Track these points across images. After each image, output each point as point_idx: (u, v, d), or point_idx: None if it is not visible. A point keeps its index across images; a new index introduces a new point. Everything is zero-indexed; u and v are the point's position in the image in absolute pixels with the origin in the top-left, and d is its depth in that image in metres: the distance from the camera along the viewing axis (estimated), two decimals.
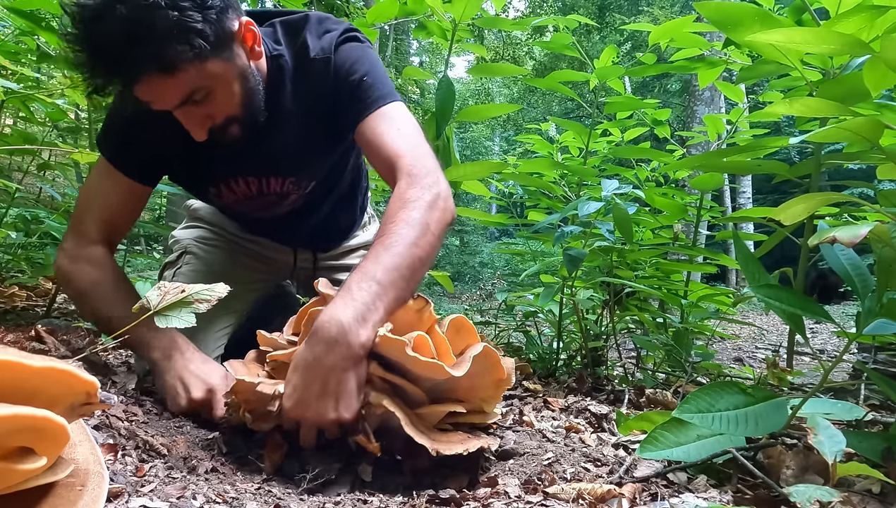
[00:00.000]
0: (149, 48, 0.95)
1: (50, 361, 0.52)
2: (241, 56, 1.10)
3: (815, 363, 2.56)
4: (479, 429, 1.01)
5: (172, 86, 1.02)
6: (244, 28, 1.10)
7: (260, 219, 1.48)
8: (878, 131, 0.88)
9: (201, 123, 1.10)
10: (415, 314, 0.97)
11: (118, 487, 0.70)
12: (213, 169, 1.32)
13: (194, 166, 1.30)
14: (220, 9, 1.02)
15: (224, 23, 1.04)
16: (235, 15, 1.08)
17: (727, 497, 0.79)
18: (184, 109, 1.08)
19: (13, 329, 1.59)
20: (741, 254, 1.06)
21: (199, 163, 1.29)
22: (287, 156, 1.31)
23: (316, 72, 1.21)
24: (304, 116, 1.25)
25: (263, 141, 1.24)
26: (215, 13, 1.01)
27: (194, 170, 1.33)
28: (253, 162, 1.30)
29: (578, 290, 1.93)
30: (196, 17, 0.97)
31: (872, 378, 1.00)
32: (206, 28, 0.99)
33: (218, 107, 1.10)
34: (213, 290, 0.99)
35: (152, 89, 1.02)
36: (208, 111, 1.10)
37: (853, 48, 1.00)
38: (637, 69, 1.96)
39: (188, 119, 1.10)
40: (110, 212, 1.26)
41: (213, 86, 1.06)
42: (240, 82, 1.11)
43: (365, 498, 0.81)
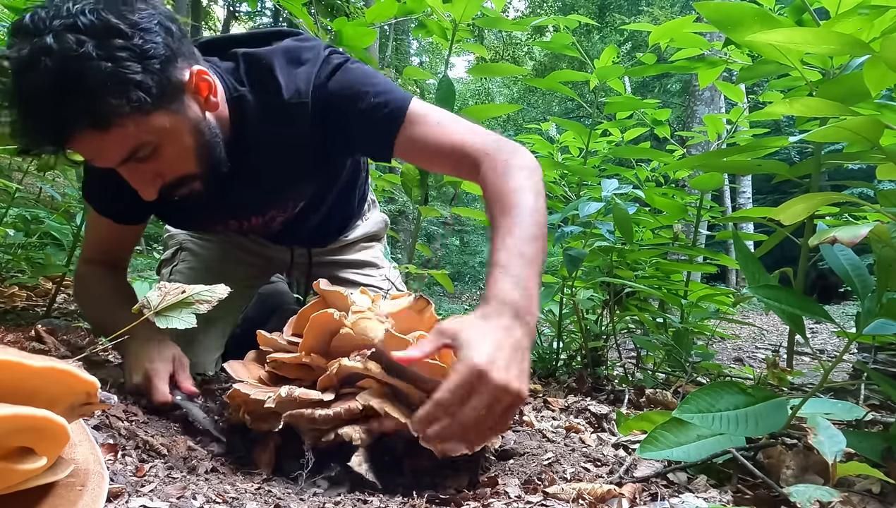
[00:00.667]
0: (79, 103, 0.87)
1: (50, 361, 0.52)
2: (193, 108, 1.02)
3: (815, 363, 2.56)
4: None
5: (110, 143, 0.93)
6: (196, 78, 1.01)
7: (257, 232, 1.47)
8: (879, 131, 0.88)
9: (149, 181, 1.02)
10: (416, 314, 0.97)
11: (118, 487, 0.70)
12: (190, 215, 1.29)
13: (172, 212, 1.28)
14: (165, 58, 0.94)
15: (169, 73, 0.95)
16: (186, 64, 1.00)
17: (727, 497, 0.79)
18: (129, 167, 0.99)
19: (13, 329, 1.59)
20: (741, 254, 1.06)
21: (175, 211, 1.25)
22: (262, 196, 1.25)
23: (291, 114, 1.10)
24: (277, 157, 1.16)
25: (232, 190, 1.17)
26: (159, 63, 0.92)
27: (174, 215, 1.31)
28: (225, 209, 1.26)
29: (578, 290, 1.93)
30: (134, 68, 0.89)
31: (873, 377, 1.00)
32: (147, 79, 0.91)
33: (167, 163, 1.01)
34: (214, 291, 0.99)
35: (88, 146, 0.94)
36: (156, 168, 1.01)
37: (853, 48, 1.00)
38: (637, 69, 1.96)
39: (133, 177, 1.01)
40: (109, 244, 1.28)
41: (159, 141, 0.97)
42: (192, 136, 1.02)
43: (365, 498, 0.81)
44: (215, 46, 1.18)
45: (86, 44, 0.85)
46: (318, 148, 1.15)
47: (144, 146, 0.96)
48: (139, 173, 1.01)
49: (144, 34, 0.90)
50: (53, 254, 2.22)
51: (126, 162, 0.98)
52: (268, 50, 1.14)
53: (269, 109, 1.11)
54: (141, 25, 0.90)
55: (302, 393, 0.89)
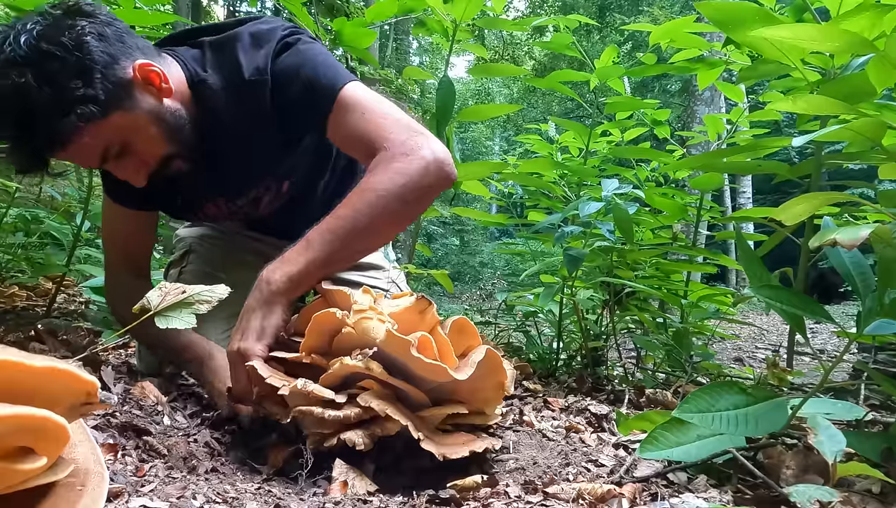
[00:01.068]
0: (36, 129, 0.93)
1: (50, 361, 0.52)
2: (147, 99, 1.06)
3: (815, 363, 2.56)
4: (479, 429, 1.01)
5: (78, 153, 1.01)
6: (141, 72, 1.05)
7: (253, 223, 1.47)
8: (882, 131, 0.88)
9: (135, 171, 1.09)
10: (417, 315, 0.97)
11: (118, 487, 0.70)
12: (180, 200, 1.33)
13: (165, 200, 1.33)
14: (105, 64, 0.98)
15: (112, 77, 1.00)
16: (129, 61, 1.04)
17: (727, 497, 0.79)
18: (112, 164, 1.07)
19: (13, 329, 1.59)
20: (744, 254, 1.06)
21: (168, 197, 1.31)
22: (239, 174, 1.29)
23: (253, 92, 1.14)
24: (245, 135, 1.20)
25: (210, 168, 1.22)
26: (98, 72, 0.97)
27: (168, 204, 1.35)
28: (209, 188, 1.31)
29: (578, 290, 1.93)
30: (75, 84, 0.94)
31: (873, 377, 1.00)
32: (89, 91, 0.95)
33: (143, 153, 1.08)
34: (214, 292, 0.99)
35: (67, 156, 1.02)
36: (136, 160, 1.08)
37: (858, 46, 0.99)
38: (637, 69, 1.96)
39: (119, 171, 1.09)
40: (125, 242, 1.33)
41: (124, 138, 1.04)
42: (155, 124, 1.07)
43: (365, 498, 0.81)
44: (184, 36, 1.24)
45: (26, 74, 0.91)
46: (282, 125, 1.19)
47: (112, 146, 1.04)
48: (122, 167, 1.09)
49: (77, 50, 0.95)
50: (53, 254, 2.22)
51: (104, 162, 1.06)
52: (231, 34, 1.19)
53: (232, 89, 1.16)
54: (73, 43, 0.95)
55: (316, 390, 0.89)
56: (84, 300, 2.27)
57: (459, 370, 0.90)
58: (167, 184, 1.17)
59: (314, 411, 0.88)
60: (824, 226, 0.96)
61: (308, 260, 1.02)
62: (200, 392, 1.24)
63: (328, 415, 0.88)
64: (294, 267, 1.02)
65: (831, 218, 1.12)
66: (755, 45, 1.35)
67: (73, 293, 2.43)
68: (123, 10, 1.88)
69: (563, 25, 1.93)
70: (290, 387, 0.89)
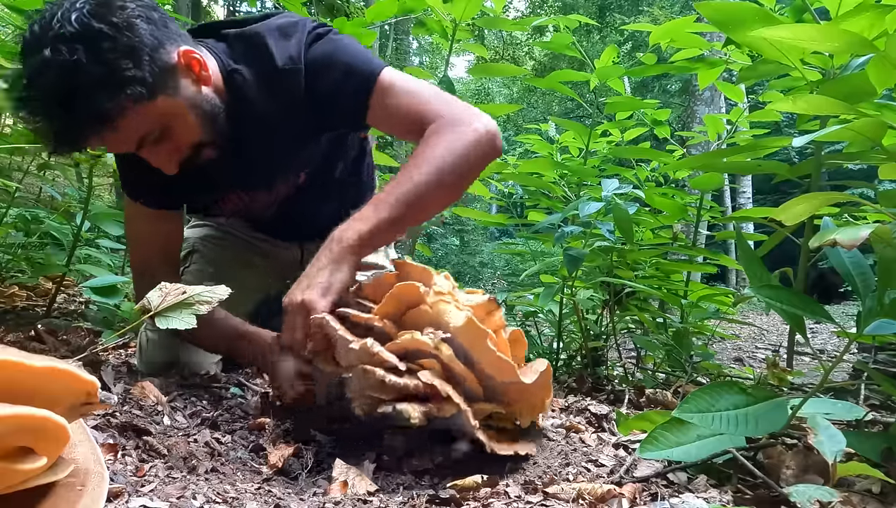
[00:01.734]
0: (83, 107, 0.93)
1: (50, 361, 0.52)
2: (188, 86, 1.08)
3: (815, 363, 2.56)
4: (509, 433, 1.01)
5: (120, 135, 1.02)
6: (185, 58, 1.07)
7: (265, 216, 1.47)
8: (882, 131, 0.88)
9: (168, 159, 1.10)
10: (485, 314, 0.97)
11: (118, 487, 0.70)
12: (203, 190, 1.33)
13: (187, 191, 1.32)
14: (153, 47, 1.00)
15: (159, 61, 1.01)
16: (173, 47, 1.05)
17: (727, 497, 0.79)
18: (146, 149, 1.07)
19: (13, 329, 1.59)
20: (744, 254, 1.06)
21: (190, 188, 1.30)
22: (268, 165, 1.30)
23: (286, 81, 1.15)
24: (277, 124, 1.21)
25: (238, 160, 1.23)
26: (147, 54, 0.98)
27: (189, 194, 1.35)
28: (235, 180, 1.31)
29: (578, 290, 1.93)
30: (126, 65, 0.95)
31: (874, 377, 1.00)
32: (139, 73, 0.97)
33: (178, 140, 1.09)
34: (214, 292, 0.99)
35: (105, 141, 1.03)
36: (170, 146, 1.09)
37: (858, 46, 0.99)
38: (637, 69, 1.96)
39: (153, 157, 1.10)
40: (150, 243, 1.32)
41: (165, 123, 1.05)
42: (193, 111, 1.08)
43: (365, 498, 0.81)
44: (208, 30, 1.24)
45: (77, 52, 0.91)
46: (312, 114, 1.20)
47: (153, 130, 1.04)
48: (156, 153, 1.09)
49: (128, 31, 0.96)
50: (53, 254, 2.22)
51: (141, 147, 1.06)
52: (258, 26, 1.20)
53: (264, 79, 1.17)
54: (124, 24, 0.95)
55: (382, 352, 0.88)
56: (84, 300, 2.27)
57: (524, 374, 0.91)
58: (190, 175, 1.18)
59: (377, 372, 0.86)
60: (824, 226, 0.96)
61: (378, 220, 1.02)
62: (200, 392, 1.24)
63: (389, 380, 0.86)
64: (364, 226, 1.02)
65: (831, 218, 1.12)
66: (755, 46, 1.35)
67: (73, 293, 2.43)
68: None
69: (563, 25, 1.93)
70: (360, 344, 0.87)
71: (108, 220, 2.07)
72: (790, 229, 1.34)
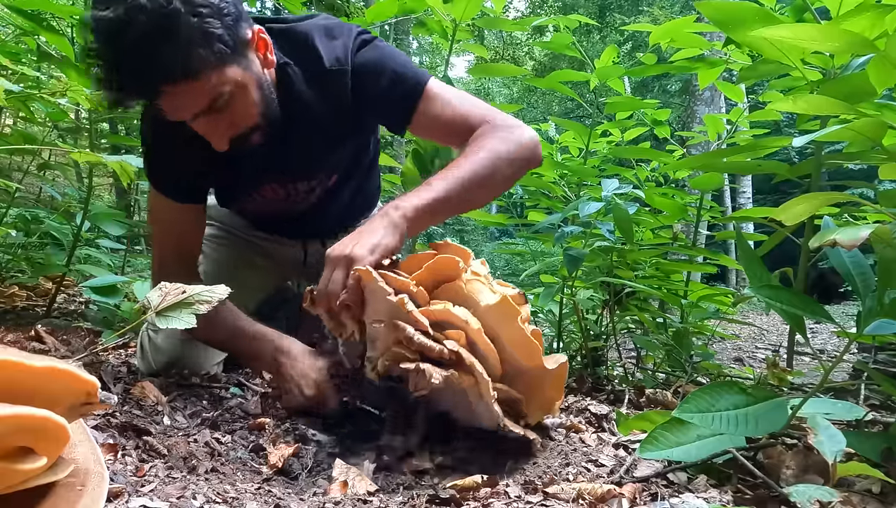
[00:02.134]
0: (173, 55, 0.95)
1: (50, 361, 0.52)
2: (256, 63, 1.10)
3: (815, 363, 2.56)
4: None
5: (196, 92, 1.02)
6: (257, 36, 1.10)
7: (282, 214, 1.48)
8: (882, 131, 0.88)
9: (223, 132, 1.10)
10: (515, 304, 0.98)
11: (118, 487, 0.70)
12: (241, 180, 1.33)
13: (223, 180, 1.33)
14: (236, 16, 1.03)
15: (240, 30, 1.05)
16: (248, 23, 1.09)
17: (727, 497, 0.79)
18: (206, 119, 1.07)
19: (13, 329, 1.59)
20: (744, 254, 1.06)
21: (227, 177, 1.31)
22: (307, 160, 1.32)
23: (333, 81, 1.19)
24: (321, 123, 1.24)
25: (281, 151, 1.25)
26: (231, 20, 1.02)
27: (224, 184, 1.35)
28: (274, 170, 1.32)
29: (578, 290, 1.93)
30: (216, 24, 0.98)
31: (874, 377, 1.00)
32: (226, 34, 1.00)
33: (238, 115, 1.10)
34: (214, 292, 0.99)
35: (176, 97, 1.01)
36: (229, 120, 1.09)
37: (858, 46, 0.99)
38: (637, 69, 1.96)
39: (210, 128, 1.10)
40: (177, 236, 1.31)
41: (232, 92, 1.06)
42: (257, 89, 1.10)
43: (365, 498, 0.81)
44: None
45: (174, 1, 0.93)
46: (356, 117, 1.24)
47: (221, 97, 1.04)
48: (213, 124, 1.09)
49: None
50: (53, 254, 2.22)
51: (204, 113, 1.06)
52: (303, 25, 1.23)
53: (310, 77, 1.20)
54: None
55: (415, 312, 0.90)
56: (84, 300, 2.27)
57: (547, 361, 0.93)
58: (229, 163, 1.21)
59: (408, 328, 0.88)
60: (824, 226, 0.96)
61: (433, 198, 1.06)
62: (200, 392, 1.24)
63: (417, 338, 0.88)
64: (421, 201, 1.05)
65: (831, 218, 1.12)
66: (755, 45, 1.35)
67: (73, 293, 2.43)
68: None
69: (563, 25, 1.93)
70: (398, 299, 0.89)
71: (108, 220, 2.07)
72: (790, 229, 1.34)
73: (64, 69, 1.74)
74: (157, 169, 1.27)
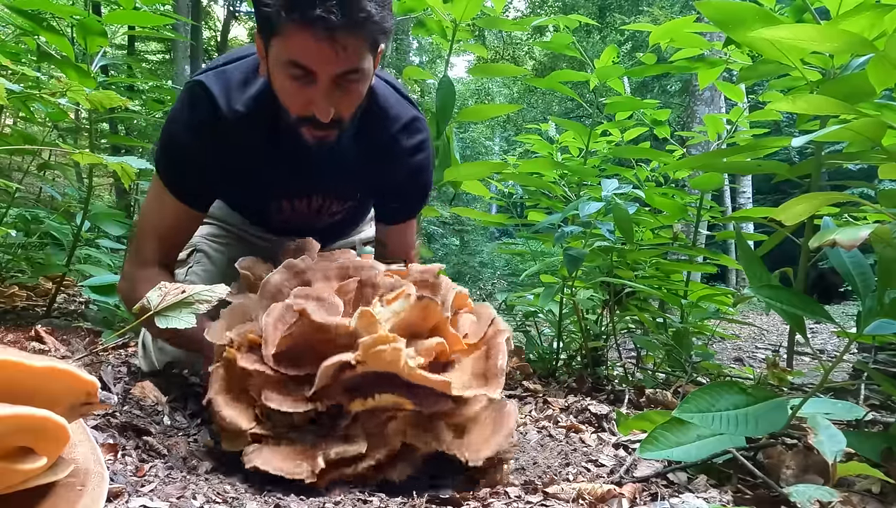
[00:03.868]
0: (380, 12, 1.01)
1: (50, 361, 0.52)
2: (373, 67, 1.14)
3: (815, 363, 2.56)
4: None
5: (355, 51, 1.03)
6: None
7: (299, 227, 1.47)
8: (882, 131, 0.88)
9: (334, 103, 1.09)
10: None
11: (118, 487, 0.70)
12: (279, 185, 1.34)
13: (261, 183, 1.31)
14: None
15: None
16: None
17: (727, 497, 0.79)
18: (331, 85, 1.07)
19: (13, 329, 1.60)
20: (744, 254, 1.06)
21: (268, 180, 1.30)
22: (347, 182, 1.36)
23: (389, 147, 1.30)
24: (365, 158, 1.30)
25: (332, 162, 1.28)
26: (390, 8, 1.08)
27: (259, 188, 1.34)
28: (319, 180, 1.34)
29: (578, 290, 1.93)
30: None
31: (873, 377, 1.00)
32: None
33: (353, 97, 1.11)
34: (214, 291, 0.99)
35: (340, 45, 1.01)
36: (343, 97, 1.10)
37: (858, 46, 0.99)
38: (637, 69, 1.96)
39: (328, 94, 1.08)
40: (166, 234, 1.30)
41: (362, 73, 1.08)
42: (366, 87, 1.12)
43: (365, 498, 0.81)
44: None
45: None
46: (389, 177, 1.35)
47: (357, 72, 1.07)
48: (334, 94, 1.08)
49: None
50: (53, 254, 2.22)
51: (339, 77, 1.06)
52: (385, 77, 1.33)
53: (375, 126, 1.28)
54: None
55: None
56: (84, 300, 2.27)
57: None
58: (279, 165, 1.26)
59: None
60: (824, 226, 0.96)
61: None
62: (200, 392, 1.24)
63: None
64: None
65: (831, 218, 1.12)
66: (755, 45, 1.35)
67: (73, 293, 2.43)
68: (124, 10, 1.89)
69: (563, 25, 1.93)
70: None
71: (108, 220, 2.07)
72: (790, 229, 1.34)
73: (64, 69, 1.75)
74: (180, 171, 1.24)
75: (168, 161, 1.24)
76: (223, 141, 1.18)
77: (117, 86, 3.17)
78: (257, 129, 1.20)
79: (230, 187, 1.31)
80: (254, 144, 1.21)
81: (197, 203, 1.28)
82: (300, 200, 1.38)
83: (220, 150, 1.19)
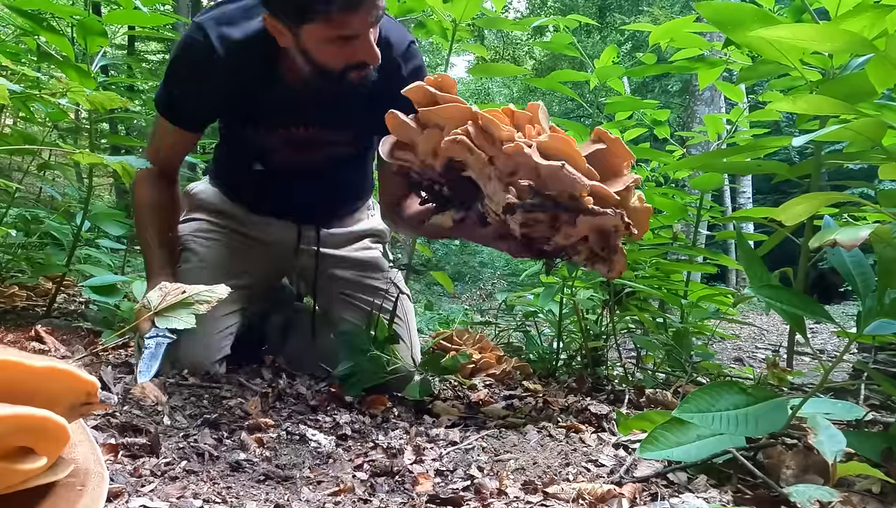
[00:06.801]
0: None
1: (50, 361, 0.52)
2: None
3: (815, 363, 2.56)
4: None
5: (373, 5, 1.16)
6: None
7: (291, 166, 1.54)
8: (882, 131, 0.88)
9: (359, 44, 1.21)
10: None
11: (118, 487, 0.70)
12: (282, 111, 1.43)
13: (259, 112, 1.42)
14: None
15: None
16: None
17: (727, 497, 0.79)
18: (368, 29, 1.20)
19: (13, 329, 1.60)
20: (744, 254, 1.06)
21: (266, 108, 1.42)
22: (347, 117, 1.44)
23: (394, 70, 1.35)
24: (372, 94, 1.34)
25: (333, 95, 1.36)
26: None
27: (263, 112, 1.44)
28: (321, 111, 1.43)
29: (578, 290, 1.93)
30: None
31: (874, 377, 1.00)
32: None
33: (377, 30, 1.25)
34: (214, 292, 0.99)
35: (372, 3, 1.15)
36: (374, 33, 1.24)
37: (858, 46, 0.99)
38: (637, 69, 1.96)
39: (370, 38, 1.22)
40: (172, 149, 1.50)
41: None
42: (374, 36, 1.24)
43: (365, 498, 0.81)
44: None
45: None
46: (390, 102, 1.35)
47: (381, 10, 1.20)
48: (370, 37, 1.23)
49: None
50: (53, 254, 2.22)
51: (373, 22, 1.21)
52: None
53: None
54: None
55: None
56: (84, 300, 2.27)
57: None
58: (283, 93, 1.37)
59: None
60: (824, 226, 0.96)
61: None
62: (200, 392, 1.24)
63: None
64: None
65: (831, 218, 1.12)
66: (754, 46, 1.35)
67: (73, 293, 2.43)
68: (124, 10, 1.89)
69: (563, 25, 1.93)
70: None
71: (108, 220, 2.07)
72: (790, 229, 1.34)
73: (64, 69, 1.75)
74: (181, 104, 1.40)
75: (165, 92, 1.41)
76: (221, 74, 1.31)
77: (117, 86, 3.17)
78: (253, 61, 1.33)
79: (230, 117, 1.47)
80: (251, 74, 1.33)
81: (191, 126, 1.45)
82: (297, 129, 1.46)
83: (217, 84, 1.33)
